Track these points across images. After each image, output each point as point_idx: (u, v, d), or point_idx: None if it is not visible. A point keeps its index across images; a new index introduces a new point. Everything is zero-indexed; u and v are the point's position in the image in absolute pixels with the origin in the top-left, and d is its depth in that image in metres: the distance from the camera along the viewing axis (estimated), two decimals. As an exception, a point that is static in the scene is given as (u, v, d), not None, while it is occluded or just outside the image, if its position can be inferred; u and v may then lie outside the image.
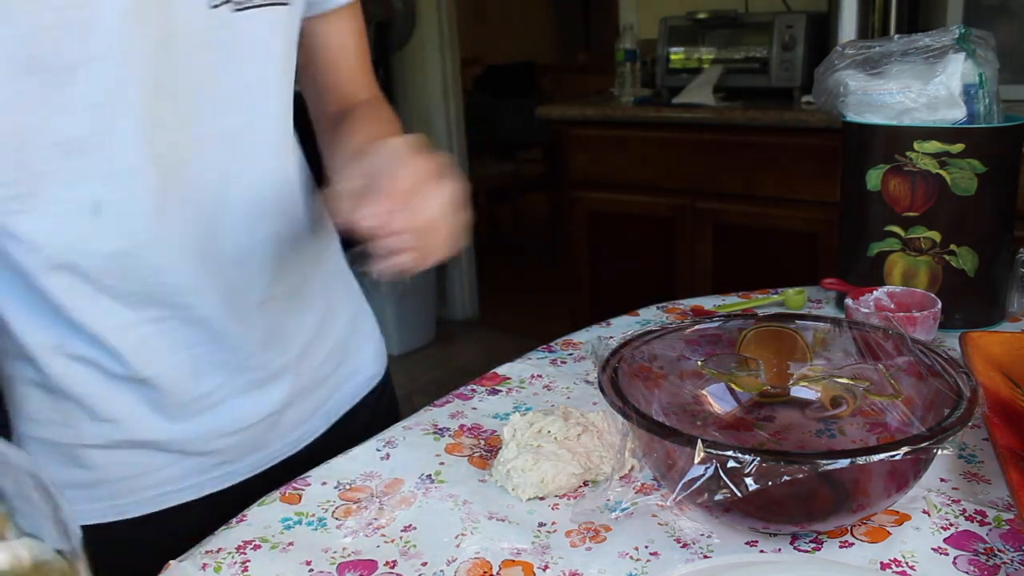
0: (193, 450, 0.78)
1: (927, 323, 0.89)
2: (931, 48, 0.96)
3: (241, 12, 0.69)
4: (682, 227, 2.43)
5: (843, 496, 0.61)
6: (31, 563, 0.29)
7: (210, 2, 0.67)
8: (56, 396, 0.73)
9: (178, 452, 0.77)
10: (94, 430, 0.74)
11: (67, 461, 0.75)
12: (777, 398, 0.76)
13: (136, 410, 0.75)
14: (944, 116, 0.95)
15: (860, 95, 0.99)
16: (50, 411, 0.74)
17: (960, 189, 0.95)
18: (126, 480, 0.77)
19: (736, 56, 2.47)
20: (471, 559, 0.62)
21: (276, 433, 0.83)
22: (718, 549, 0.62)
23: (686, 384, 0.75)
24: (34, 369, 0.73)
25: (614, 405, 0.62)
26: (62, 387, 0.73)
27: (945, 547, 0.60)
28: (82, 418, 0.74)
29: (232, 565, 0.62)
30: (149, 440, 0.76)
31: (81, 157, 0.65)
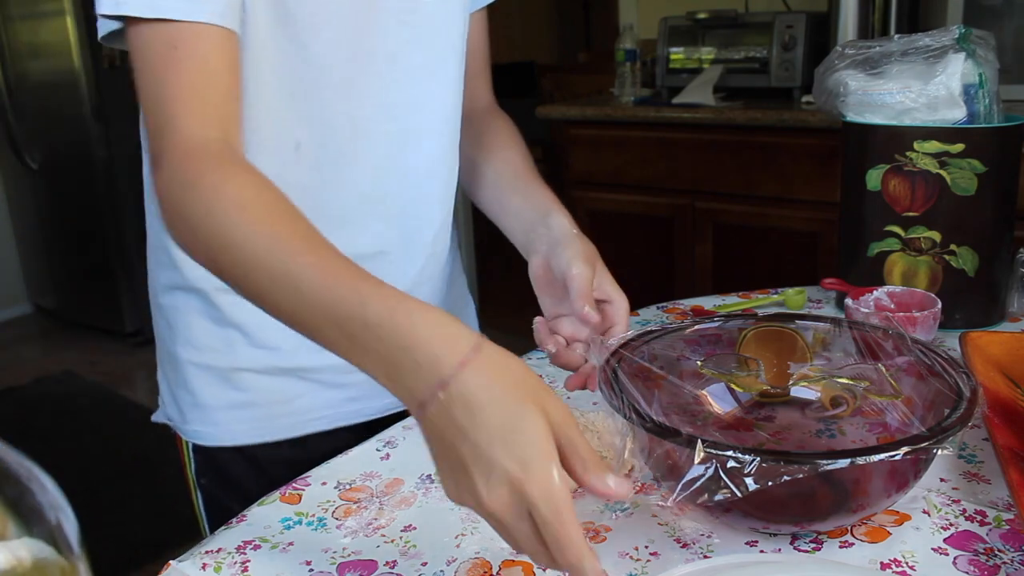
0: (331, 382, 0.87)
1: (927, 323, 0.89)
2: (931, 48, 0.96)
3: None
4: (682, 227, 2.43)
5: (843, 496, 0.61)
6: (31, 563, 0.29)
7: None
8: (221, 324, 0.84)
9: (317, 382, 0.87)
10: (250, 355, 0.85)
11: (223, 383, 0.86)
12: (777, 398, 0.76)
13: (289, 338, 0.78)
14: (944, 116, 0.95)
15: (860, 95, 0.99)
16: (213, 338, 0.85)
17: (960, 189, 0.95)
18: (271, 405, 0.86)
19: (736, 56, 2.47)
20: (471, 559, 0.62)
21: None
22: (718, 549, 0.62)
23: (686, 384, 0.75)
24: (202, 300, 0.84)
25: (614, 405, 0.62)
26: (228, 316, 0.83)
27: (945, 547, 0.60)
28: (242, 344, 0.84)
29: (232, 565, 0.62)
30: (297, 367, 0.85)
31: (292, 103, 0.76)
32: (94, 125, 3.37)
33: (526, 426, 0.48)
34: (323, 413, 0.87)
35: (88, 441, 2.79)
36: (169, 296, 0.86)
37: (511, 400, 0.49)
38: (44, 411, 3.08)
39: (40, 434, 2.84)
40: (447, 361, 0.50)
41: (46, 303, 4.01)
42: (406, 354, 0.52)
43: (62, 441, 2.80)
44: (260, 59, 0.73)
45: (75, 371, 3.37)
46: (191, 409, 0.87)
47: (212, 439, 0.87)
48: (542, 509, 0.47)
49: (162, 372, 0.91)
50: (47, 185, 3.68)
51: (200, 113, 0.66)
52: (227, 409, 0.86)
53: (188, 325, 0.85)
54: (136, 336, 3.58)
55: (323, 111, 0.78)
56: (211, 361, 0.85)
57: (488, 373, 0.50)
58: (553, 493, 0.47)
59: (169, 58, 0.65)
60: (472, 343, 0.51)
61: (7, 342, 3.78)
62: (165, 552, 0.66)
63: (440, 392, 0.50)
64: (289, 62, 0.75)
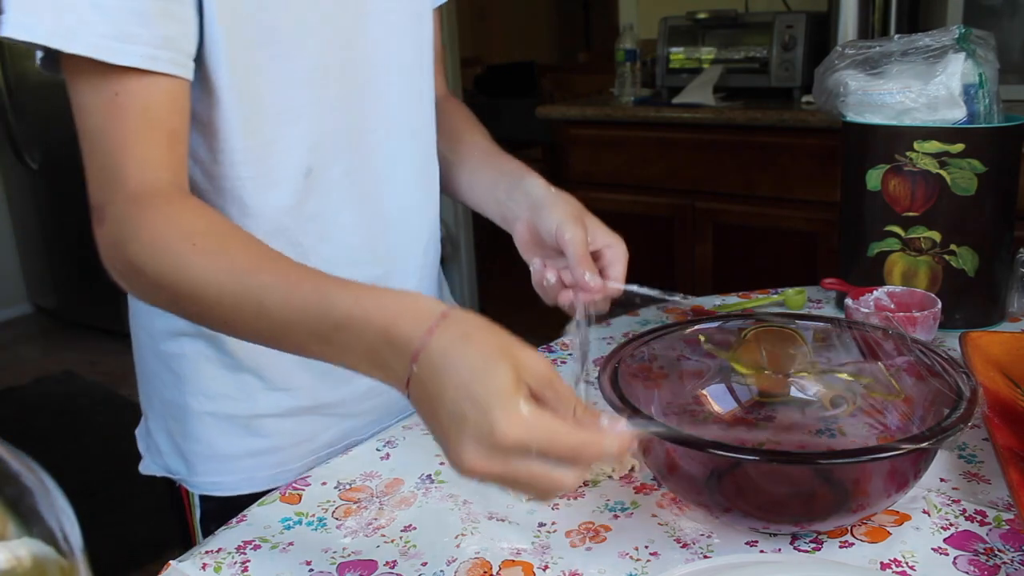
0: (350, 412, 0.85)
1: (927, 323, 0.89)
2: (931, 48, 0.96)
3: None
4: (682, 227, 2.43)
5: (843, 496, 0.61)
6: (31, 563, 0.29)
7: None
8: (234, 370, 0.80)
9: (338, 415, 0.85)
10: (269, 400, 0.81)
11: (242, 431, 0.81)
12: (777, 398, 0.76)
13: (306, 377, 0.81)
14: (944, 116, 0.95)
15: (860, 95, 0.99)
16: (227, 385, 0.80)
17: (960, 189, 0.94)
18: (293, 447, 0.83)
19: (736, 56, 2.47)
20: (471, 559, 0.62)
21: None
22: (718, 549, 0.62)
23: (686, 384, 0.75)
24: (213, 347, 0.79)
25: (614, 405, 0.62)
26: (242, 362, 0.79)
27: (945, 547, 0.60)
28: (259, 390, 0.80)
29: (232, 565, 0.62)
30: (316, 405, 0.83)
31: (298, 125, 0.73)
32: (94, 125, 3.37)
33: (488, 377, 0.48)
34: (344, 443, 0.85)
35: (88, 441, 2.79)
36: (174, 343, 0.81)
37: (477, 356, 0.49)
38: (44, 411, 3.08)
39: (40, 434, 2.84)
40: (417, 335, 0.50)
41: (46, 303, 4.01)
42: (381, 341, 0.52)
43: (62, 441, 2.80)
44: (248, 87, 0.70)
45: (75, 371, 3.37)
46: (204, 460, 0.82)
47: (230, 488, 0.82)
48: (520, 438, 0.47)
49: (159, 423, 0.85)
50: (47, 185, 3.67)
51: (146, 160, 0.63)
52: (247, 457, 0.82)
53: (199, 373, 0.80)
54: (136, 336, 3.58)
55: (323, 130, 0.75)
56: (228, 410, 0.81)
57: (453, 336, 0.50)
58: (525, 420, 0.47)
59: (111, 105, 0.62)
60: (439, 312, 0.51)
61: (7, 342, 3.78)
62: (165, 552, 0.66)
63: (414, 365, 0.50)
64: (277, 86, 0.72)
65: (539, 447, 0.47)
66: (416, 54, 0.83)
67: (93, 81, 0.62)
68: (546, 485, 0.49)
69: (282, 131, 0.73)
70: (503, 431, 0.46)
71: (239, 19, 0.67)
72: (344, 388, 0.84)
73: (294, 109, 0.73)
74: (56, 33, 0.60)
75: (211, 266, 0.59)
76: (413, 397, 0.51)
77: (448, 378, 0.49)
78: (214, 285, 0.58)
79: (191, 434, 0.82)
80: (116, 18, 0.60)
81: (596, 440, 0.49)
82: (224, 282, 0.58)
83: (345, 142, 0.77)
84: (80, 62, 0.61)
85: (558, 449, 0.48)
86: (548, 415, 0.48)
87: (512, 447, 0.47)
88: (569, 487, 0.49)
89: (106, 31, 0.60)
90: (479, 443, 0.47)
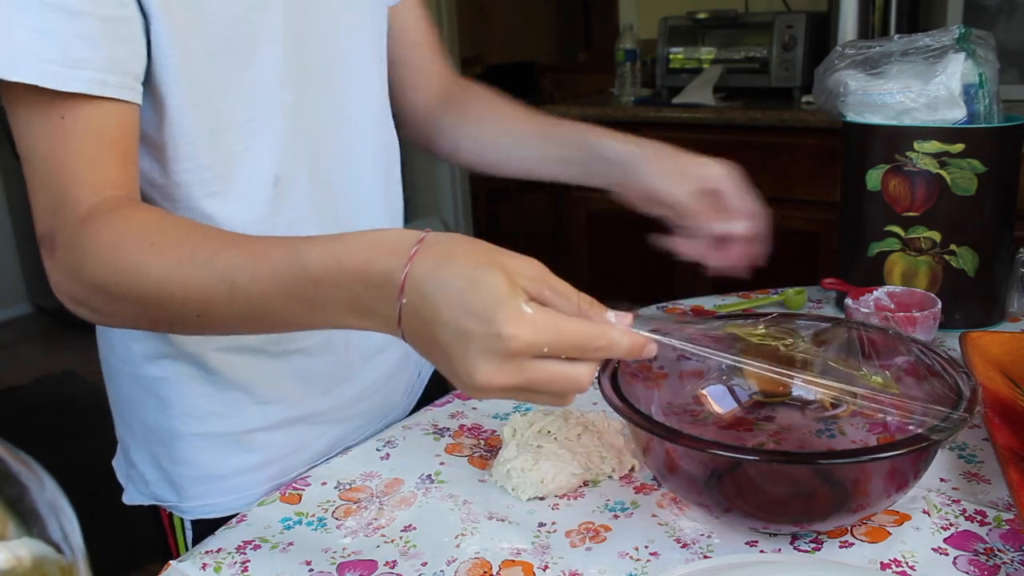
0: (340, 417, 0.84)
1: (927, 323, 0.89)
2: (931, 48, 0.96)
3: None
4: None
5: (843, 496, 0.61)
6: (31, 563, 0.29)
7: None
8: (220, 387, 0.77)
9: (329, 422, 0.83)
10: (259, 413, 0.79)
11: (233, 448, 0.79)
12: (777, 398, 0.76)
13: (294, 388, 0.80)
14: (944, 116, 0.95)
15: (860, 95, 0.99)
16: (214, 403, 0.77)
17: (960, 189, 0.94)
18: (286, 458, 0.81)
19: (736, 56, 2.47)
20: (471, 559, 0.62)
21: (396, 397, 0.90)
22: (718, 549, 0.62)
23: (686, 384, 0.75)
24: (197, 366, 0.76)
25: (614, 405, 0.62)
26: (228, 378, 0.77)
27: (945, 547, 0.60)
28: (247, 404, 0.78)
29: (232, 565, 0.62)
30: (306, 414, 0.81)
31: (263, 135, 0.71)
32: (94, 125, 3.37)
33: (481, 286, 0.46)
34: (337, 451, 0.84)
35: (88, 441, 2.79)
36: (154, 367, 0.77)
37: (465, 268, 0.47)
38: (44, 411, 3.08)
39: (40, 434, 2.84)
40: (397, 267, 0.48)
41: (46, 303, 4.01)
42: (361, 285, 0.50)
43: (62, 441, 2.80)
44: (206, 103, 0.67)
45: (75, 371, 3.37)
46: (194, 483, 0.79)
47: (224, 509, 0.79)
48: (530, 339, 0.45)
49: (142, 450, 0.82)
50: (47, 185, 3.67)
51: (98, 182, 0.60)
52: (240, 475, 0.80)
53: (183, 395, 0.77)
54: (136, 336, 3.58)
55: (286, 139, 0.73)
56: (217, 428, 0.78)
57: (435, 256, 0.48)
58: (530, 320, 0.45)
59: (57, 129, 0.59)
60: (415, 239, 0.49)
61: (7, 342, 3.78)
62: (165, 552, 0.66)
63: (402, 298, 0.48)
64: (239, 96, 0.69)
65: (549, 344, 0.46)
66: (372, 50, 0.82)
67: (37, 108, 0.59)
68: (564, 385, 0.48)
69: (246, 143, 0.70)
70: (511, 334, 0.45)
71: (189, 36, 0.64)
72: (333, 394, 0.83)
73: (256, 119, 0.70)
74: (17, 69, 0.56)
75: (172, 261, 0.56)
76: (407, 333, 0.49)
77: (441, 298, 0.47)
78: (179, 280, 0.56)
79: (179, 457, 0.79)
80: (62, 43, 0.57)
81: (605, 332, 0.48)
82: (189, 274, 0.55)
83: (308, 147, 0.75)
84: (23, 90, 0.58)
85: (568, 343, 0.46)
86: (552, 312, 0.47)
87: (522, 349, 0.45)
88: (585, 384, 0.48)
89: (53, 56, 0.57)
90: (488, 354, 0.46)
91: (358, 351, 0.84)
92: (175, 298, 0.56)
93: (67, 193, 0.60)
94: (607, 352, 0.48)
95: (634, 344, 0.50)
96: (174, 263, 0.56)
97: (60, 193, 0.60)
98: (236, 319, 0.57)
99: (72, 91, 0.58)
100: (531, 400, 0.49)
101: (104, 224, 0.59)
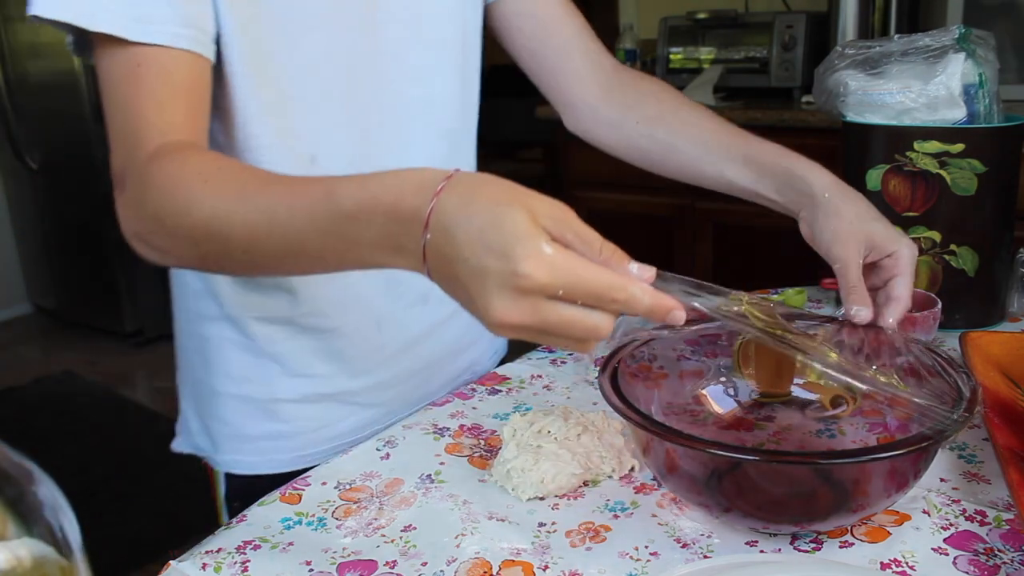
0: (368, 402, 0.87)
1: (927, 323, 0.89)
2: (931, 48, 0.96)
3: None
4: (682, 227, 2.43)
5: (843, 496, 0.61)
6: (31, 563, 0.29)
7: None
8: (257, 356, 0.83)
9: (356, 404, 0.87)
10: (289, 385, 0.84)
11: (262, 415, 0.85)
12: (777, 398, 0.76)
13: (325, 366, 0.84)
14: (944, 116, 0.95)
15: (860, 95, 0.99)
16: (248, 369, 0.83)
17: (960, 189, 0.95)
18: (312, 432, 0.86)
19: (736, 56, 2.47)
20: (471, 559, 0.62)
21: (427, 389, 0.92)
22: (718, 549, 0.62)
23: (686, 384, 0.75)
24: (237, 331, 0.82)
25: (614, 405, 0.62)
26: (264, 348, 0.82)
27: (945, 547, 0.60)
28: (279, 375, 0.83)
29: (232, 565, 0.62)
30: (334, 393, 0.85)
31: (304, 114, 0.75)
32: (94, 125, 3.37)
33: (503, 223, 0.46)
34: (362, 434, 0.86)
35: (88, 441, 2.79)
36: (204, 326, 0.84)
37: (488, 205, 0.47)
38: (44, 411, 3.08)
39: (40, 434, 2.84)
40: (424, 203, 0.49)
41: (46, 303, 4.01)
42: (392, 221, 0.50)
43: (62, 441, 2.80)
44: (261, 74, 0.72)
45: (75, 371, 3.37)
46: (227, 440, 0.86)
47: (251, 468, 0.86)
48: (545, 280, 0.45)
49: (189, 401, 0.90)
50: (47, 185, 3.68)
51: (165, 124, 0.65)
52: (267, 439, 0.85)
53: (225, 357, 0.84)
54: (136, 336, 3.58)
55: (332, 119, 0.77)
56: (250, 392, 0.84)
57: (460, 193, 0.48)
58: (549, 260, 0.45)
59: (132, 75, 0.65)
60: (443, 176, 0.49)
61: (7, 342, 3.78)
62: (165, 552, 0.66)
63: (427, 234, 0.49)
64: (291, 72, 0.74)
65: (565, 288, 0.46)
66: (441, 36, 0.83)
67: (117, 55, 0.65)
68: (581, 331, 0.47)
69: (289, 119, 0.75)
70: (526, 272, 0.45)
71: (243, 6, 0.69)
72: (363, 377, 0.86)
73: (299, 98, 0.75)
74: (82, 13, 0.63)
75: (221, 197, 0.59)
76: (432, 269, 0.50)
77: (462, 234, 0.47)
78: (226, 215, 0.58)
79: (216, 414, 0.86)
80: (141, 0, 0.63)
81: (624, 283, 0.47)
82: (235, 209, 0.58)
83: (351, 133, 0.78)
84: (106, 40, 0.64)
85: (585, 289, 0.46)
86: (573, 255, 0.46)
87: (537, 288, 0.45)
88: (603, 332, 0.48)
89: (129, 11, 0.63)
90: (503, 290, 0.46)
91: (396, 338, 0.87)
92: (222, 233, 0.59)
93: (138, 134, 0.64)
94: (625, 306, 0.48)
95: (657, 304, 0.49)
96: (223, 199, 0.59)
97: (132, 134, 0.65)
98: (276, 255, 0.58)
99: (148, 42, 0.64)
100: (551, 343, 0.49)
101: (167, 162, 0.63)
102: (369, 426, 0.87)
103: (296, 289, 0.81)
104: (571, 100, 0.95)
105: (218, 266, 0.66)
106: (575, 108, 0.96)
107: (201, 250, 0.62)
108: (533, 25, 0.91)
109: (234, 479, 0.87)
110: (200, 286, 0.83)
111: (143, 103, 0.65)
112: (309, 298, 0.81)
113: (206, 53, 0.68)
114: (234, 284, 0.81)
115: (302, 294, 0.81)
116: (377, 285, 0.84)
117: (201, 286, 0.83)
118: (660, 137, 0.91)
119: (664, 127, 0.91)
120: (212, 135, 0.73)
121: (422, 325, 0.89)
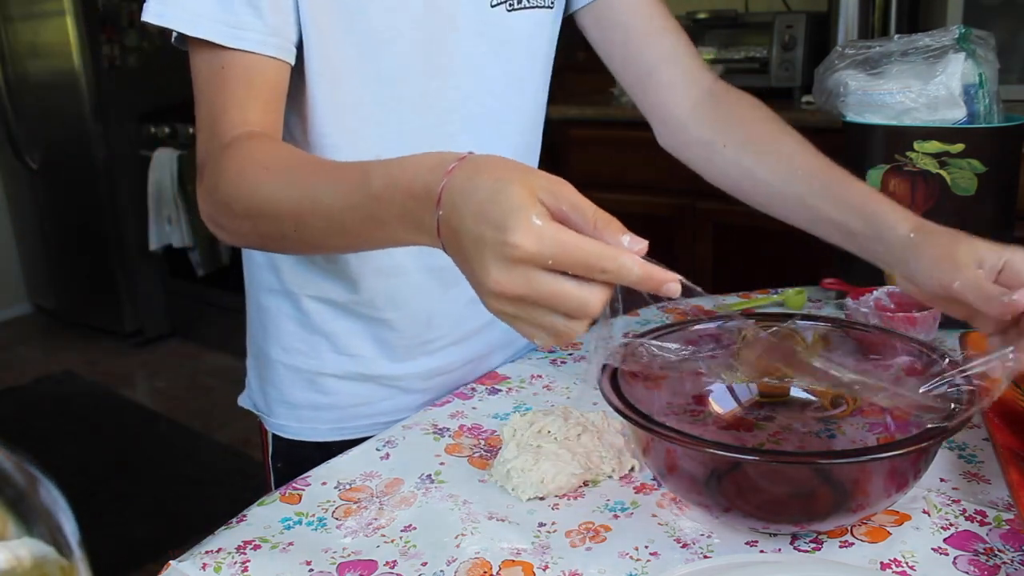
0: (409, 387, 0.92)
1: (927, 323, 0.89)
2: (931, 48, 0.96)
3: (513, 12, 0.82)
4: (682, 227, 2.43)
5: (843, 496, 0.61)
6: (31, 563, 0.29)
7: (490, 1, 0.81)
8: (309, 330, 0.89)
9: (397, 388, 0.92)
10: (335, 361, 0.90)
11: (308, 385, 0.91)
12: (777, 398, 0.76)
13: (371, 349, 0.90)
14: (944, 116, 0.95)
15: (860, 95, 0.99)
16: (301, 343, 0.90)
17: (960, 189, 0.95)
18: (352, 407, 0.92)
19: (736, 56, 2.47)
20: (471, 559, 0.62)
21: (471, 380, 0.93)
22: (718, 549, 0.62)
23: (686, 384, 0.75)
24: (293, 306, 0.89)
25: (614, 405, 0.62)
26: (315, 323, 0.89)
27: (945, 547, 0.60)
28: (327, 351, 0.90)
29: (232, 565, 0.62)
30: (377, 375, 0.91)
31: (370, 122, 0.80)
32: (94, 125, 3.37)
33: (501, 197, 0.48)
34: (401, 416, 0.87)
35: (88, 441, 2.79)
36: (264, 297, 0.91)
37: (490, 181, 0.49)
38: (44, 411, 3.08)
39: (40, 434, 2.84)
40: (436, 180, 0.52)
41: (46, 303, 4.01)
42: (410, 198, 0.53)
43: (62, 441, 2.80)
44: (336, 79, 0.77)
45: (75, 371, 3.37)
46: (277, 404, 0.93)
47: (295, 433, 0.93)
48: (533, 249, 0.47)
49: (253, 364, 0.98)
50: (47, 185, 3.68)
51: (242, 119, 0.71)
52: (311, 409, 0.92)
53: (279, 328, 0.91)
54: (136, 336, 3.58)
55: (401, 127, 0.80)
56: (299, 363, 0.91)
57: (469, 171, 0.51)
58: (537, 230, 0.47)
59: (218, 76, 0.72)
60: (457, 157, 0.52)
61: (7, 342, 3.78)
62: (165, 552, 0.66)
63: (439, 210, 0.51)
64: (365, 80, 0.78)
65: (553, 257, 0.47)
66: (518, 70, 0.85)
67: (207, 56, 0.72)
68: (571, 304, 0.48)
69: (362, 126, 0.79)
70: (516, 242, 0.47)
71: (320, 14, 0.75)
72: (407, 364, 0.91)
73: (376, 104, 0.79)
74: (184, 20, 0.71)
75: (278, 181, 0.65)
76: (445, 243, 0.52)
77: (466, 208, 0.49)
78: (282, 198, 0.64)
79: (268, 378, 0.93)
80: (235, 9, 0.71)
81: (614, 253, 0.48)
82: (289, 193, 0.64)
83: (420, 141, 0.80)
84: (200, 42, 0.72)
85: (573, 258, 0.47)
86: (562, 227, 0.48)
87: (526, 258, 0.47)
88: (594, 307, 0.49)
89: (225, 19, 0.71)
90: (498, 260, 0.48)
91: (445, 335, 0.91)
92: (276, 213, 0.65)
93: (217, 127, 0.71)
94: (615, 276, 0.48)
95: (648, 275, 0.49)
96: (279, 183, 0.65)
97: (212, 127, 0.72)
98: (320, 234, 0.63)
99: (238, 47, 0.71)
100: (542, 323, 0.50)
101: (238, 151, 0.69)
102: (404, 411, 0.89)
103: (357, 281, 0.86)
104: (660, 114, 0.94)
105: (277, 245, 0.73)
106: (664, 123, 0.95)
107: (260, 230, 0.68)
108: (623, 36, 0.90)
109: (280, 441, 0.94)
110: (263, 259, 0.90)
111: (224, 101, 0.72)
112: (367, 289, 0.86)
113: (287, 58, 0.74)
114: (294, 262, 0.87)
115: (361, 285, 0.86)
116: (432, 286, 0.88)
117: (264, 259, 0.90)
118: (746, 165, 0.88)
119: (753, 156, 0.88)
120: (290, 129, 0.80)
121: (473, 324, 0.93)
